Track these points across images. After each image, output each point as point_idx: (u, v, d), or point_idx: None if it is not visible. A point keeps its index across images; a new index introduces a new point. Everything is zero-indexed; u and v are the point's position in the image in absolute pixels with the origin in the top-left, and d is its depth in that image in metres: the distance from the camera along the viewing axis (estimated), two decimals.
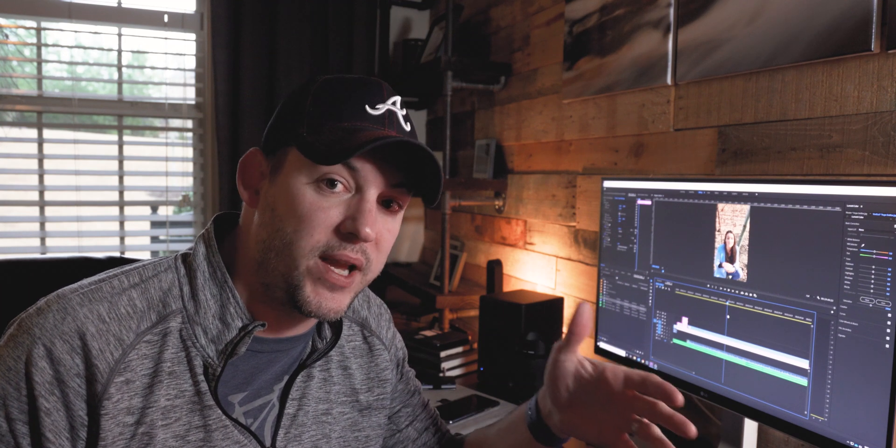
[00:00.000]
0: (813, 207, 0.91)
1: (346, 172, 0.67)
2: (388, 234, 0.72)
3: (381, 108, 0.70)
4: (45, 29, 2.34)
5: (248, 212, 0.73)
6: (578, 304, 0.71)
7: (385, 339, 0.91)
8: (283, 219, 0.67)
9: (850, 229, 0.86)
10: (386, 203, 0.71)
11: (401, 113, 0.72)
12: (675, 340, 1.17)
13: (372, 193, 0.68)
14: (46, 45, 2.35)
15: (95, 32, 2.33)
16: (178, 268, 0.71)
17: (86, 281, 0.69)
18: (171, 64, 2.46)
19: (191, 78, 2.47)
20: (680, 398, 0.62)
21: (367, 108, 0.69)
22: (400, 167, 0.70)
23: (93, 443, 0.63)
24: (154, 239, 2.83)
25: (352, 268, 0.69)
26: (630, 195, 1.28)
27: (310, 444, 0.78)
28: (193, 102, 2.47)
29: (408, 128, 0.72)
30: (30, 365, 0.61)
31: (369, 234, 0.66)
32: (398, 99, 0.72)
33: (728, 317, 1.05)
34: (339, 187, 0.67)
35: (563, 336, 0.72)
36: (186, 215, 2.64)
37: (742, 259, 1.02)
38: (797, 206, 0.93)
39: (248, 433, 0.71)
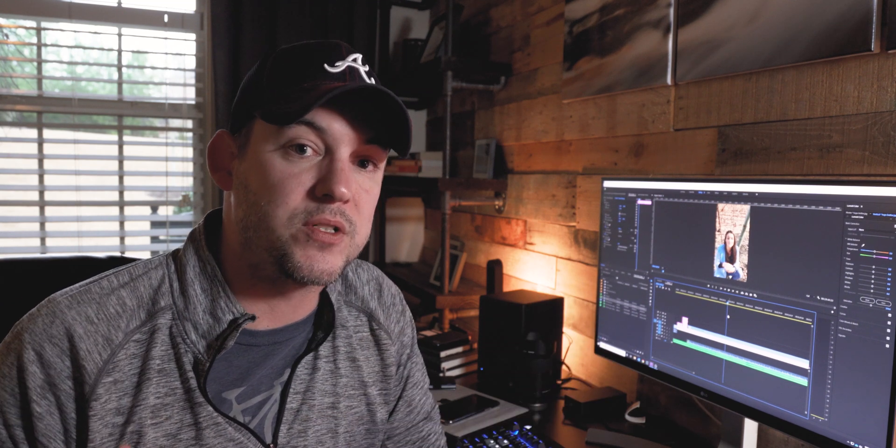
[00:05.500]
0: (813, 207, 0.91)
1: (312, 135, 0.64)
2: (366, 195, 0.69)
3: (341, 65, 0.67)
4: (45, 29, 2.33)
5: (227, 196, 0.71)
6: None
7: (392, 333, 0.87)
8: (256, 193, 0.65)
9: (850, 229, 0.86)
10: (362, 163, 0.69)
11: (363, 69, 0.69)
12: (676, 340, 1.17)
13: (343, 152, 0.65)
14: (46, 45, 2.35)
15: (95, 32, 2.33)
16: (168, 264, 0.70)
17: (77, 284, 0.68)
18: (170, 64, 2.45)
19: (191, 78, 2.47)
20: None
21: (326, 66, 0.66)
22: (370, 122, 0.67)
23: (82, 444, 0.62)
24: (154, 239, 2.83)
25: (336, 230, 0.66)
26: (630, 195, 1.28)
27: (314, 440, 0.75)
28: (193, 102, 2.47)
29: (371, 82, 0.68)
30: (22, 370, 0.61)
31: (344, 192, 0.64)
32: (359, 56, 0.69)
33: (728, 317, 1.05)
34: (309, 152, 0.65)
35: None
36: (186, 215, 2.64)
37: (742, 259, 1.02)
38: (797, 206, 0.93)
39: (245, 430, 0.69)
